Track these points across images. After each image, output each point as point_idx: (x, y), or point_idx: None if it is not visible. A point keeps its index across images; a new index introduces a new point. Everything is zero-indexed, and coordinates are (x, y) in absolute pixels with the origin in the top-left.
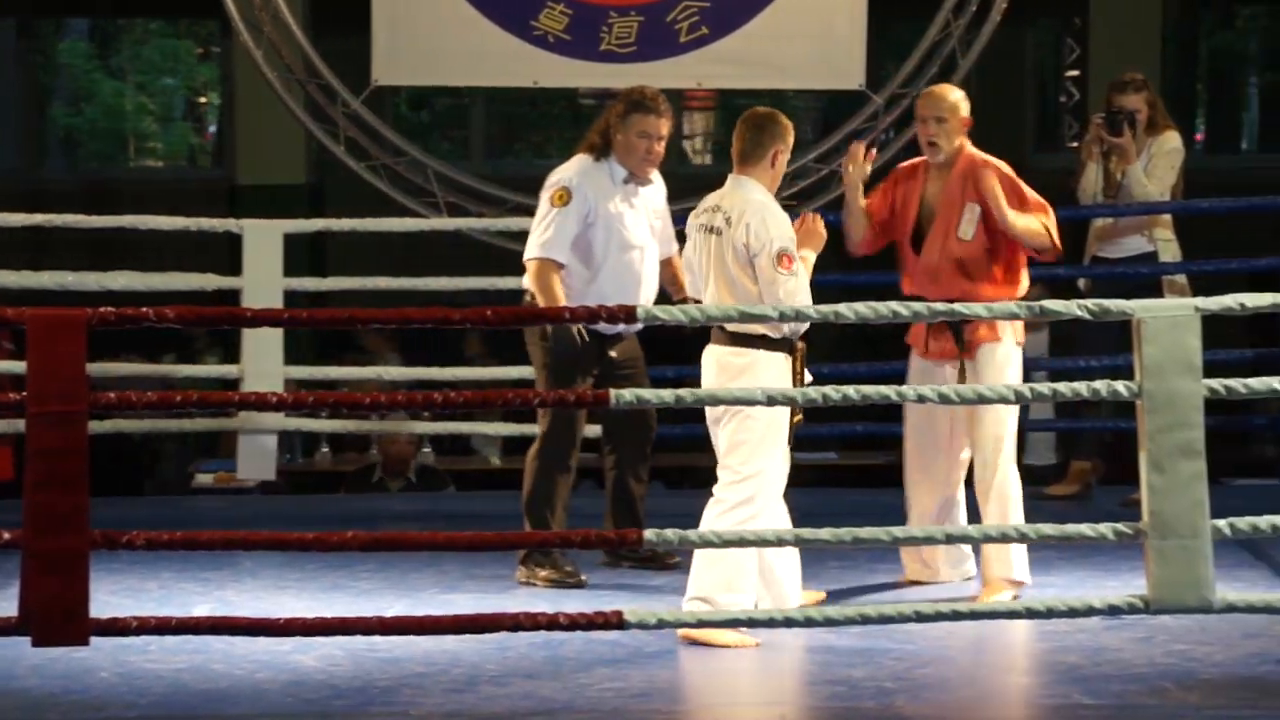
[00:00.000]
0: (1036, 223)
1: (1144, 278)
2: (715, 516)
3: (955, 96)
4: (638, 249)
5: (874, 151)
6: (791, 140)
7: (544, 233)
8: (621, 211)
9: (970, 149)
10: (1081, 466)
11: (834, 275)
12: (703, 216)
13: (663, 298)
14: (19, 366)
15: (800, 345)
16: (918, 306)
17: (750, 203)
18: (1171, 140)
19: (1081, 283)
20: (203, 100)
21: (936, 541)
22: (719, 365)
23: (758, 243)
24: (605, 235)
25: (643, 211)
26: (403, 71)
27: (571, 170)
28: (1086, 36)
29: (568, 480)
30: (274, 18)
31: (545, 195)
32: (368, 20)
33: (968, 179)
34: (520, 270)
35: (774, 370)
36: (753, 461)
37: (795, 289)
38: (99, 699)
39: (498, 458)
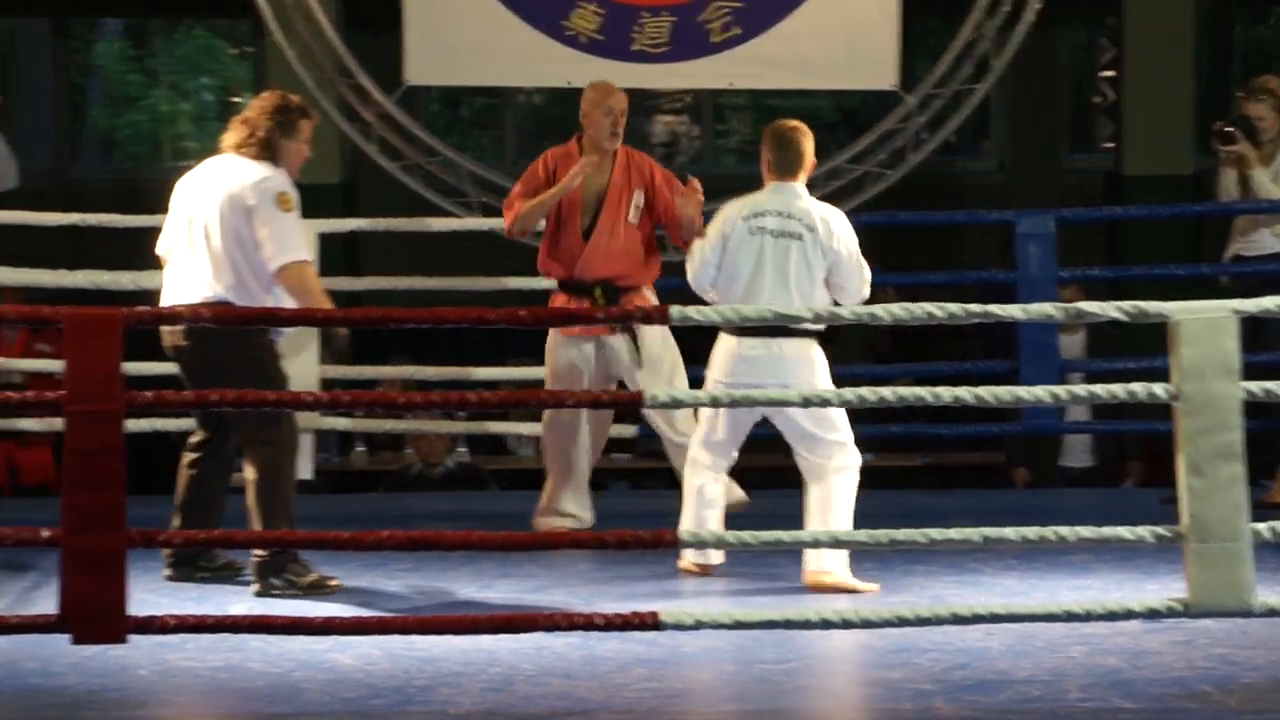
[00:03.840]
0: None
1: (1272, 274)
2: (848, 484)
3: None
4: None
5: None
6: None
7: None
8: None
9: None
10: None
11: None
12: (766, 220)
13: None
14: (56, 366)
15: None
16: (953, 307)
17: (825, 209)
18: None
19: (1223, 280)
20: (237, 100)
21: (974, 545)
22: (803, 357)
23: (846, 248)
24: None
25: None
26: (435, 71)
27: None
28: (1121, 36)
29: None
30: (306, 18)
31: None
32: (400, 20)
33: (631, 168)
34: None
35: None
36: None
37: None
38: (137, 697)
39: (533, 457)
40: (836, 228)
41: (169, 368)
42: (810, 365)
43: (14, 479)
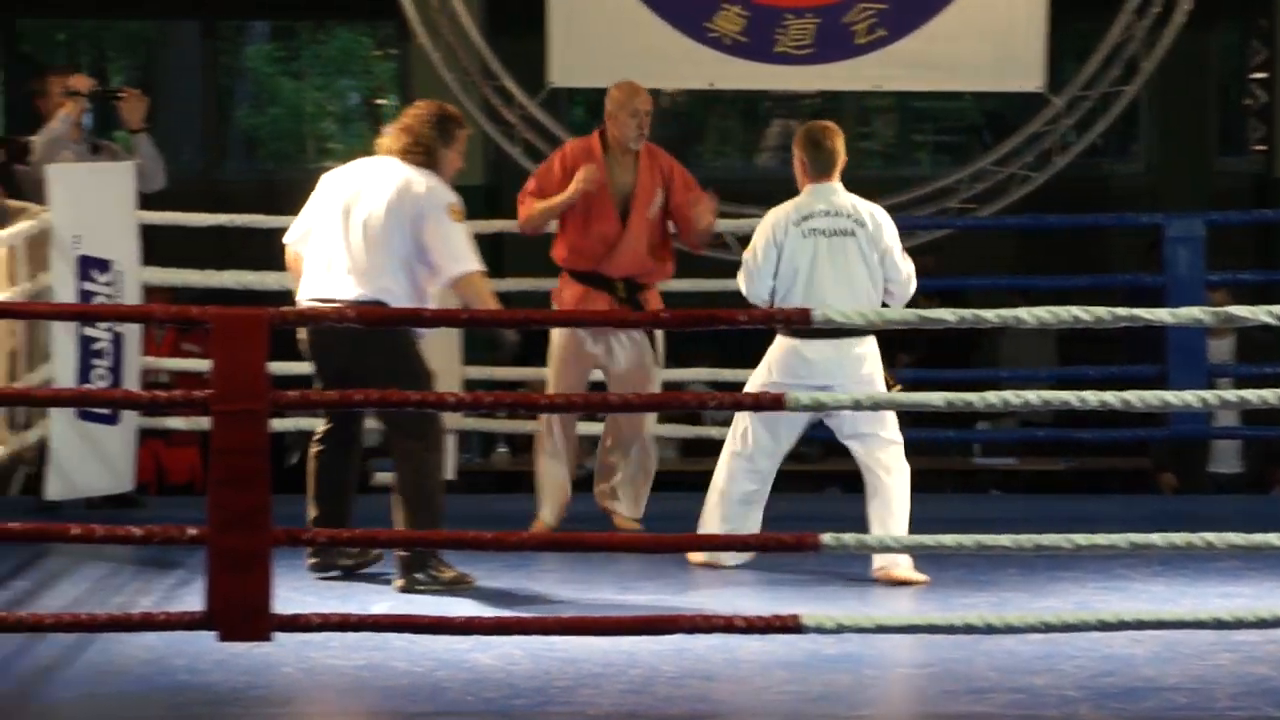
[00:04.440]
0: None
1: None
2: (906, 482)
3: None
4: None
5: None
6: None
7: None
8: None
9: None
10: None
11: (1006, 278)
12: (817, 221)
13: None
14: (202, 365)
15: None
16: (1100, 311)
17: (869, 205)
18: None
19: None
20: (380, 102)
21: (1121, 550)
22: (868, 354)
23: (893, 243)
24: None
25: None
26: (578, 73)
27: None
28: (1273, 37)
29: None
30: (451, 20)
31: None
32: (544, 23)
33: (655, 167)
34: (697, 270)
35: None
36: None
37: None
38: (282, 694)
39: (675, 459)
40: (882, 220)
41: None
42: (874, 361)
43: (161, 478)
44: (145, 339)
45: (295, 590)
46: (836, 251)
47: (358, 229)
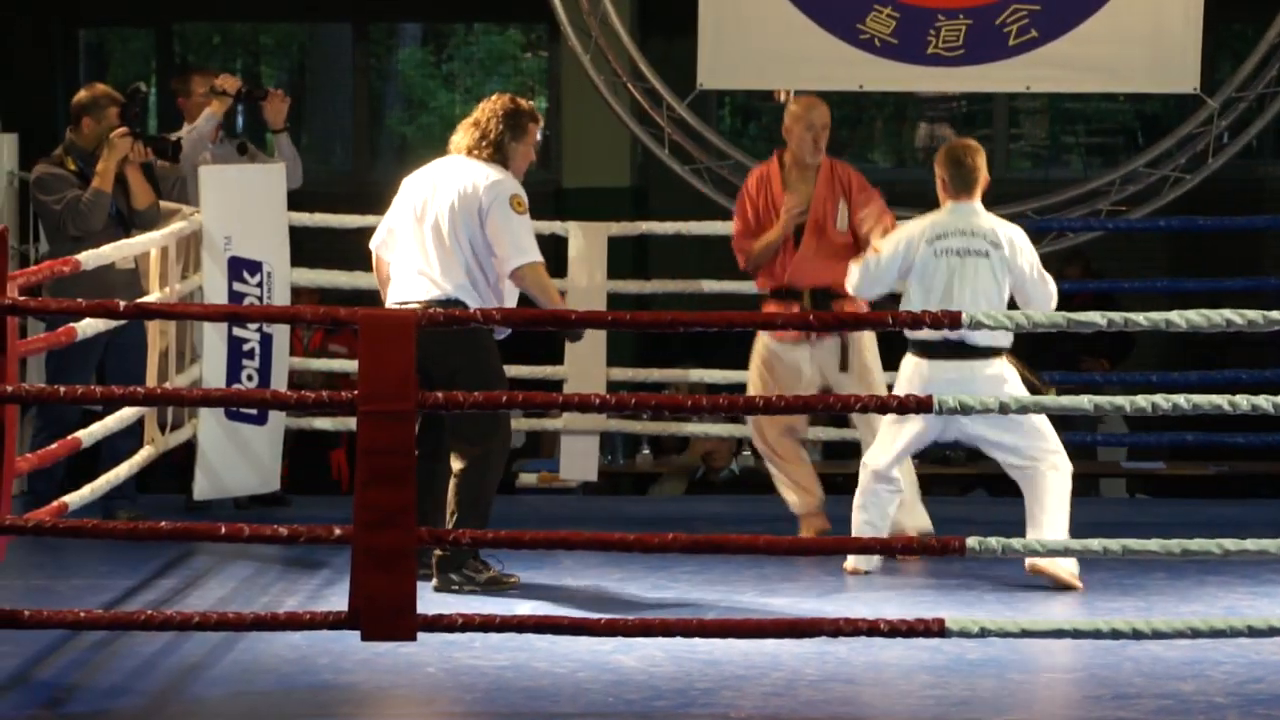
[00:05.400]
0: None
1: None
2: (1062, 484)
3: None
4: None
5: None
6: None
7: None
8: None
9: None
10: None
11: (1163, 281)
12: (950, 241)
13: None
14: (349, 366)
15: None
16: (1252, 314)
17: (1009, 225)
18: None
19: None
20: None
21: (1270, 556)
22: (995, 376)
23: (1029, 265)
24: None
25: None
26: (727, 75)
27: None
28: None
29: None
30: (602, 22)
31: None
32: (693, 24)
33: (834, 179)
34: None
35: None
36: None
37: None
38: (426, 693)
39: (819, 461)
40: (1020, 243)
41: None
42: (1002, 384)
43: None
44: (293, 339)
45: (437, 591)
46: (969, 272)
47: (429, 230)
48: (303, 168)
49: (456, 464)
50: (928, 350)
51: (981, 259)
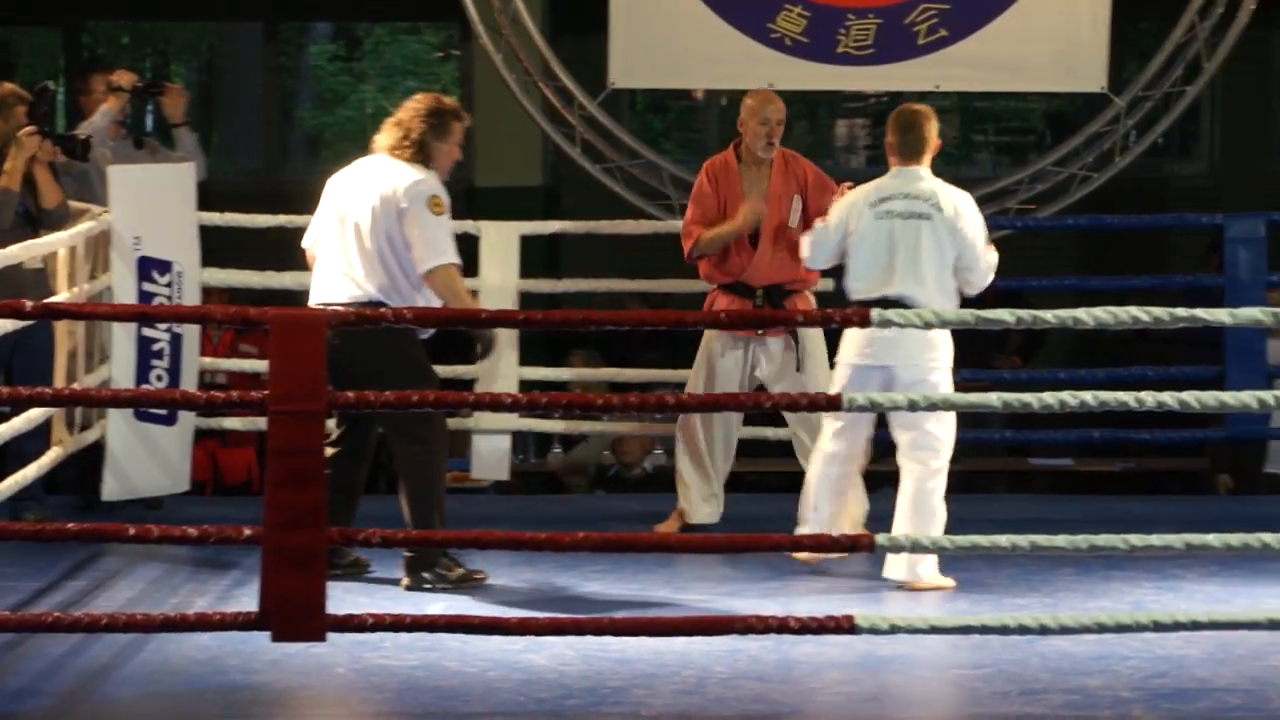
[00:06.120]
0: None
1: None
2: (942, 484)
3: None
4: None
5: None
6: None
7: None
8: None
9: None
10: None
11: (1071, 279)
12: (894, 204)
13: None
14: (260, 366)
15: None
16: (1158, 311)
17: (954, 191)
18: None
19: None
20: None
21: (1176, 551)
22: (936, 337)
23: (972, 231)
24: None
25: None
26: (639, 74)
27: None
28: None
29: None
30: (513, 21)
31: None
32: (605, 23)
33: (789, 173)
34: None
35: None
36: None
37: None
38: (336, 694)
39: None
40: (964, 209)
41: None
42: (942, 346)
43: (217, 477)
44: (203, 340)
45: (349, 591)
46: (910, 234)
47: (351, 230)
48: (209, 165)
49: (402, 468)
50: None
51: (924, 221)
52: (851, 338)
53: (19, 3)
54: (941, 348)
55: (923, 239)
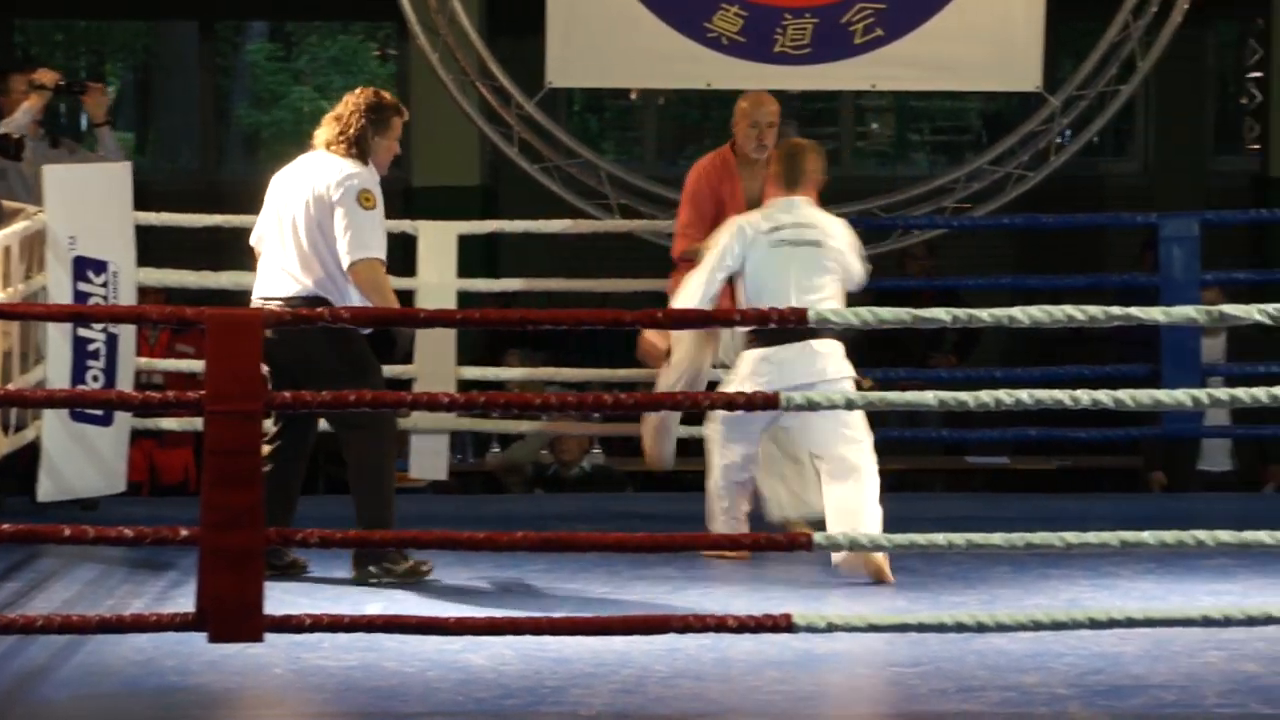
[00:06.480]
0: None
1: None
2: (875, 482)
3: None
4: None
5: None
6: None
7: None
8: None
9: None
10: None
11: (1007, 278)
12: (784, 232)
13: None
14: (196, 366)
15: None
16: (1094, 310)
17: (833, 219)
18: None
19: None
20: None
21: (1111, 549)
22: (833, 353)
23: (853, 250)
24: None
25: None
26: (576, 73)
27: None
28: (1270, 37)
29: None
30: (450, 21)
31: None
32: (542, 23)
33: None
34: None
35: None
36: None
37: None
38: (274, 695)
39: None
40: (843, 233)
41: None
42: (838, 361)
43: (154, 478)
44: (139, 340)
45: (287, 591)
46: (804, 261)
47: (290, 226)
48: (144, 165)
49: (351, 462)
50: (765, 341)
51: (815, 248)
52: (745, 361)
53: None
54: (839, 362)
55: (815, 265)
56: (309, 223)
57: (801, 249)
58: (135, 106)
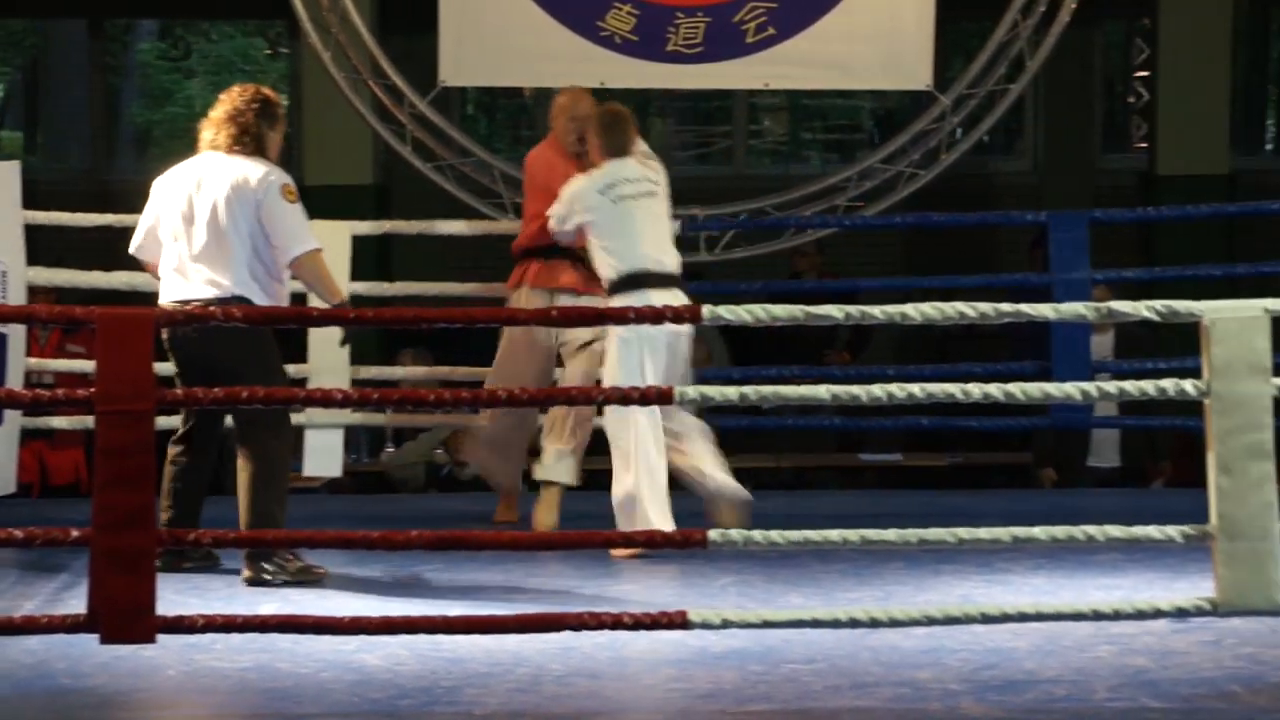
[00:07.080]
0: None
1: None
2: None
3: None
4: None
5: None
6: None
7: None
8: None
9: None
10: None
11: (901, 279)
12: (624, 187)
13: None
14: (87, 366)
15: None
16: (984, 307)
17: (656, 166)
18: None
19: None
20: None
21: (1002, 544)
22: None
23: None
24: None
25: None
26: (470, 72)
27: None
28: (1156, 36)
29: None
30: (342, 19)
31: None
32: (434, 21)
33: None
34: None
35: None
36: None
37: None
38: (167, 697)
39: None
40: (662, 177)
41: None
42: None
43: (44, 479)
44: (29, 340)
45: (179, 592)
46: (647, 211)
47: (203, 228)
48: (26, 162)
49: (248, 462)
50: (637, 282)
51: (652, 198)
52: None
53: None
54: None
55: (656, 212)
56: (231, 223)
57: (643, 200)
58: (24, 105)
